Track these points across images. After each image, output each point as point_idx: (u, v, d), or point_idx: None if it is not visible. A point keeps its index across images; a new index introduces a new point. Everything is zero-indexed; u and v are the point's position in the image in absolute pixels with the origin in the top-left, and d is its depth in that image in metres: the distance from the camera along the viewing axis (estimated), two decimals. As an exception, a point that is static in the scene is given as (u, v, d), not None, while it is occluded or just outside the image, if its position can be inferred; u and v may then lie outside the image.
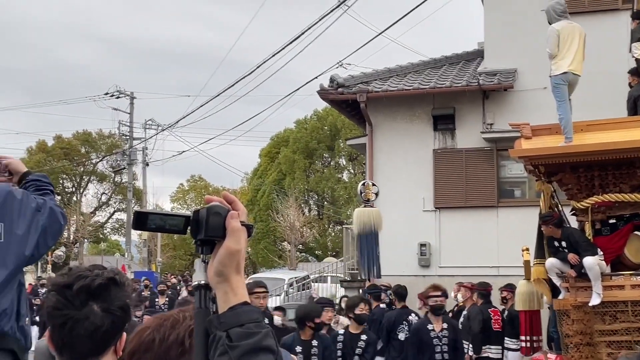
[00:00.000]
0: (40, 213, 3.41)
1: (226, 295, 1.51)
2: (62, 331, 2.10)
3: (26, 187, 3.59)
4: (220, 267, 1.52)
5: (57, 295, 2.11)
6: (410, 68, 17.83)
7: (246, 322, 1.47)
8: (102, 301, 2.12)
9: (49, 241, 3.46)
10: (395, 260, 15.70)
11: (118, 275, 2.18)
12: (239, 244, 1.53)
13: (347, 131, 42.81)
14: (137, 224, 1.59)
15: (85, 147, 55.97)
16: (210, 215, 1.54)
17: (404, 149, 16.37)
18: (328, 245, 50.27)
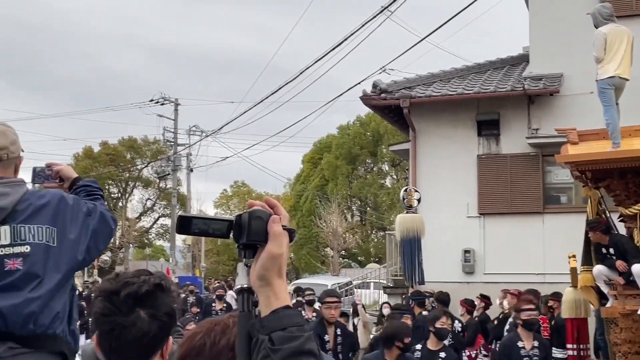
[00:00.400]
0: (91, 217, 3.47)
1: (268, 299, 1.52)
2: (110, 337, 2.13)
3: (77, 192, 3.65)
4: (262, 272, 1.53)
5: (105, 302, 2.14)
6: (453, 73, 17.72)
7: (288, 326, 1.47)
8: (149, 307, 2.14)
9: (99, 245, 3.51)
10: (439, 267, 15.60)
11: (164, 281, 2.20)
12: (281, 248, 1.54)
13: (390, 137, 42.72)
14: (181, 228, 1.60)
15: (130, 153, 56.70)
16: (252, 219, 1.55)
17: (448, 155, 16.26)
18: (371, 252, 50.17)
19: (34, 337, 3.19)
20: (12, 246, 3.23)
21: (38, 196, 3.38)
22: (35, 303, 3.19)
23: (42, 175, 3.73)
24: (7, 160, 3.37)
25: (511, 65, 17.92)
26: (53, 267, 3.28)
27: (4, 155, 3.34)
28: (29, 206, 3.31)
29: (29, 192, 3.38)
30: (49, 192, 3.47)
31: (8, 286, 3.19)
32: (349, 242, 44.58)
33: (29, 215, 3.29)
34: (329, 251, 45.36)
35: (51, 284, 3.24)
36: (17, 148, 3.43)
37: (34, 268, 3.23)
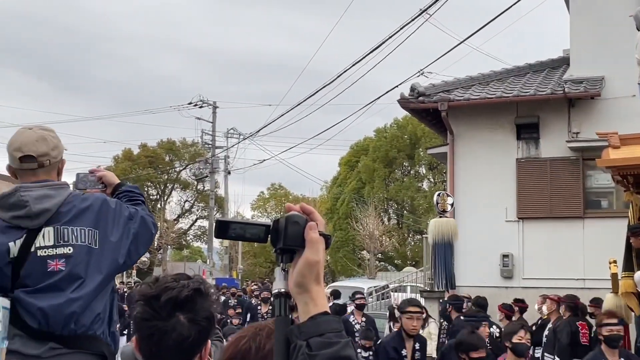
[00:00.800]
0: (133, 221, 3.52)
1: (306, 306, 1.53)
2: (150, 342, 2.15)
3: (119, 197, 3.71)
4: (299, 279, 1.54)
5: (145, 306, 2.16)
6: (492, 76, 17.59)
7: (326, 332, 1.48)
8: (188, 312, 2.15)
9: (140, 249, 3.56)
10: (477, 271, 15.50)
11: (203, 285, 2.21)
12: (318, 255, 1.55)
13: (427, 140, 42.53)
14: (219, 232, 1.63)
15: (169, 155, 57.20)
16: (289, 224, 1.56)
17: (486, 158, 16.14)
18: (407, 255, 49.97)
19: (74, 337, 3.24)
20: (55, 247, 3.29)
21: (81, 199, 3.44)
22: (77, 303, 3.24)
23: (85, 180, 3.79)
24: (50, 165, 3.43)
25: (551, 68, 17.72)
26: (95, 268, 3.33)
27: (46, 162, 3.40)
28: (72, 208, 3.37)
29: (72, 195, 3.44)
30: (92, 196, 3.53)
31: (51, 286, 3.25)
32: (385, 245, 44.48)
33: (72, 218, 3.35)
34: (365, 254, 45.30)
35: (92, 285, 3.30)
36: (59, 152, 3.48)
37: (76, 269, 3.28)
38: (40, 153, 3.38)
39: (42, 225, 3.31)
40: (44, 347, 3.23)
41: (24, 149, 3.36)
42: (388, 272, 44.89)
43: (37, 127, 3.47)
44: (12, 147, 3.39)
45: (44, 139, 3.40)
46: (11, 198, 3.33)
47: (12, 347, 3.12)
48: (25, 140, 3.37)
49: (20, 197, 3.30)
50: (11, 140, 3.41)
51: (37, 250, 3.27)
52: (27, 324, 3.22)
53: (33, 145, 3.36)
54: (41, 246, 3.28)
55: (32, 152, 3.36)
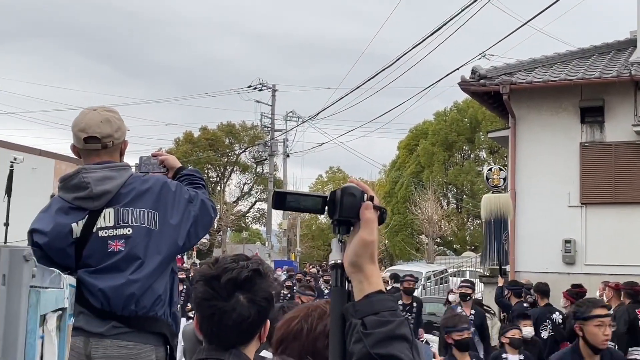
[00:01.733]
0: (192, 204, 3.55)
1: (361, 284, 1.53)
2: (211, 322, 2.18)
3: (180, 181, 3.75)
4: (354, 258, 1.54)
5: (205, 286, 2.19)
6: (556, 58, 17.24)
7: (381, 311, 1.48)
8: (248, 292, 2.18)
9: (199, 232, 3.59)
10: (538, 257, 15.28)
11: (262, 266, 2.24)
12: (372, 235, 1.55)
13: (488, 123, 42.00)
14: (276, 203, 1.63)
15: (229, 138, 57.65)
16: (345, 195, 1.56)
17: (549, 142, 15.86)
18: (467, 239, 49.55)
19: (135, 317, 3.31)
20: (115, 228, 3.35)
21: (141, 181, 3.49)
22: (136, 285, 3.30)
23: (147, 164, 3.86)
24: (113, 146, 3.48)
25: (617, 50, 17.28)
26: (154, 250, 3.38)
27: (110, 143, 3.45)
28: (132, 190, 3.42)
29: (133, 177, 3.49)
30: (152, 178, 3.58)
31: (111, 267, 3.32)
32: (444, 230, 44.19)
33: (132, 199, 3.40)
34: (423, 238, 45.10)
35: (152, 266, 3.35)
36: (121, 134, 3.52)
37: (135, 250, 3.34)
38: (104, 135, 3.42)
39: (103, 206, 3.36)
40: (107, 326, 3.30)
41: (88, 130, 3.40)
42: (447, 256, 44.65)
43: (101, 108, 3.51)
44: (77, 128, 3.44)
45: (108, 120, 3.44)
46: (73, 180, 3.39)
47: (77, 324, 3.18)
48: (89, 122, 3.42)
49: (83, 179, 3.36)
50: (76, 120, 3.46)
51: (99, 231, 3.34)
52: (91, 303, 3.30)
53: (97, 127, 3.41)
54: (102, 227, 3.34)
55: (97, 133, 3.41)
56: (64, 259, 3.31)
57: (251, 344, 2.25)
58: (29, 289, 1.41)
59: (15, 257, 1.38)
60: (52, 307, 1.81)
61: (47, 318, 1.75)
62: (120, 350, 3.29)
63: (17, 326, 1.37)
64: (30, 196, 16.17)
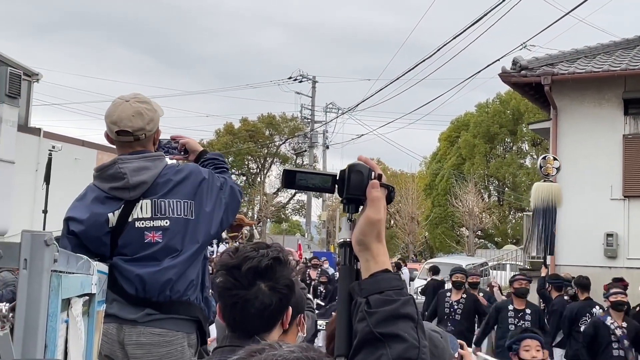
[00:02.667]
0: (222, 191, 3.57)
1: (367, 263, 1.52)
2: (233, 310, 2.20)
3: (205, 165, 3.74)
4: (361, 237, 1.54)
5: (227, 276, 2.21)
6: (599, 49, 16.95)
7: (386, 289, 1.47)
8: (269, 280, 2.19)
9: (230, 218, 3.62)
10: (578, 250, 15.08)
11: (282, 254, 2.25)
12: (379, 213, 1.54)
13: (531, 115, 41.51)
14: (286, 181, 1.63)
15: (269, 129, 57.83)
16: (352, 173, 1.56)
17: (591, 134, 15.62)
18: (508, 233, 49.13)
19: (169, 303, 3.34)
20: (152, 219, 3.37)
21: (175, 171, 3.50)
22: (173, 271, 3.34)
23: (168, 147, 3.82)
24: (146, 138, 3.50)
25: (663, 40, 16.95)
26: (191, 238, 3.41)
27: (142, 136, 3.46)
28: (168, 181, 3.43)
29: (167, 167, 3.51)
30: (186, 167, 3.59)
31: (148, 257, 3.35)
32: (485, 223, 43.88)
33: (168, 190, 3.41)
34: (464, 231, 44.81)
35: (188, 254, 3.38)
36: (154, 125, 3.52)
37: (172, 242, 3.36)
38: (136, 128, 3.43)
39: (139, 197, 3.39)
40: (140, 313, 3.34)
41: (120, 124, 3.41)
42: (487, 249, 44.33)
43: (133, 98, 3.49)
44: (109, 120, 3.45)
45: (139, 113, 3.44)
46: (110, 170, 3.42)
47: (110, 311, 3.23)
48: (121, 115, 3.42)
49: (119, 169, 3.38)
50: (108, 111, 3.47)
51: (135, 222, 3.37)
52: (125, 290, 3.34)
53: (129, 121, 3.41)
54: (139, 217, 3.37)
55: (128, 127, 3.41)
56: (99, 248, 3.35)
57: (274, 331, 2.26)
58: (50, 273, 1.43)
59: (36, 242, 1.40)
60: (77, 292, 1.84)
61: (72, 303, 1.78)
62: (153, 337, 3.32)
63: (37, 309, 1.39)
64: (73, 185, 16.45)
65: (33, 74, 22.60)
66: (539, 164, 13.47)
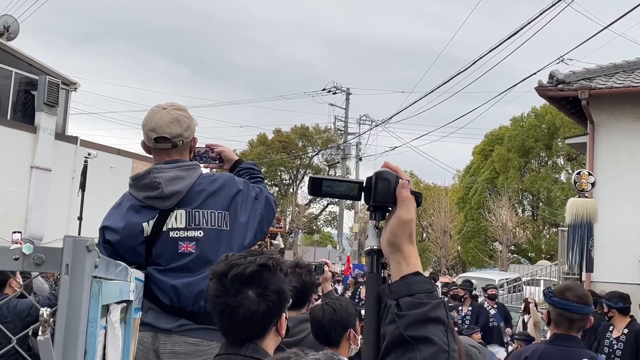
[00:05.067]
0: (258, 201, 3.57)
1: (399, 265, 1.51)
2: (222, 317, 2.23)
3: (240, 174, 3.75)
4: (392, 238, 1.52)
5: (216, 283, 2.23)
6: (638, 64, 16.77)
7: (416, 292, 1.45)
8: (257, 287, 2.20)
9: (264, 229, 3.61)
10: (615, 267, 14.87)
11: (271, 260, 2.25)
12: (410, 213, 1.53)
13: (567, 130, 41.14)
14: (312, 189, 1.62)
15: (302, 140, 58.02)
16: (379, 180, 1.55)
17: (629, 150, 15.42)
18: (542, 248, 48.63)
19: (204, 313, 3.32)
20: (186, 230, 3.37)
21: (210, 180, 3.49)
22: (206, 281, 3.30)
23: (204, 156, 3.82)
24: (183, 145, 3.50)
25: (703, 55, 16.70)
26: (225, 249, 3.37)
27: (180, 142, 3.47)
28: (202, 191, 3.43)
29: (202, 176, 3.50)
30: (221, 177, 3.58)
31: (181, 268, 3.36)
32: (518, 238, 43.49)
33: (203, 201, 3.41)
34: (497, 246, 44.44)
35: None
36: (191, 132, 3.53)
37: (205, 252, 3.36)
38: (174, 135, 3.44)
39: (173, 206, 3.39)
40: (175, 323, 3.34)
41: (158, 130, 3.43)
42: (521, 264, 43.88)
43: (171, 106, 3.52)
44: (147, 127, 3.46)
45: (177, 120, 3.45)
46: (145, 179, 3.43)
47: (146, 320, 3.24)
48: (159, 122, 3.43)
49: (154, 179, 3.39)
50: (146, 119, 3.49)
51: (169, 232, 3.37)
52: (159, 300, 3.35)
53: (167, 127, 3.42)
54: (173, 227, 3.37)
55: (167, 134, 3.43)
56: (135, 257, 3.37)
57: (267, 338, 2.27)
58: (91, 279, 1.43)
59: (78, 247, 1.41)
60: (116, 299, 1.84)
61: (110, 309, 1.79)
62: (188, 346, 3.32)
63: (78, 315, 1.39)
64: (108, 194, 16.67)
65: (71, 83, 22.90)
66: (574, 180, 13.34)
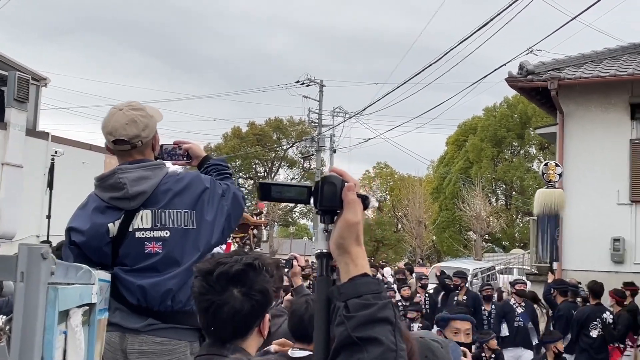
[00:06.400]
0: (225, 198, 3.56)
1: (347, 267, 1.52)
2: (207, 315, 2.24)
3: (208, 171, 3.75)
4: (340, 240, 1.54)
5: (201, 281, 2.25)
6: (606, 54, 16.94)
7: (364, 293, 1.47)
8: (242, 286, 2.22)
9: (232, 225, 3.62)
10: (585, 255, 15.07)
11: (257, 261, 2.27)
12: (357, 216, 1.54)
13: (539, 119, 41.46)
14: (262, 194, 1.64)
15: (276, 133, 57.95)
16: (325, 185, 1.57)
17: (598, 139, 15.59)
18: (516, 237, 49.04)
19: (171, 313, 3.35)
20: (152, 230, 3.38)
21: (176, 180, 3.49)
22: (173, 281, 3.34)
23: (172, 153, 3.80)
24: (143, 145, 3.49)
25: (670, 44, 16.92)
26: (192, 248, 3.40)
27: (138, 143, 3.46)
28: (168, 190, 3.43)
29: (167, 175, 3.49)
30: (187, 175, 3.58)
31: (148, 268, 3.36)
32: (492, 227, 43.80)
33: (169, 200, 3.41)
34: (471, 235, 44.76)
35: (188, 264, 3.35)
36: (150, 131, 3.51)
37: (172, 253, 3.37)
38: (131, 136, 3.43)
39: (139, 206, 3.39)
40: (143, 322, 3.35)
41: (114, 133, 3.42)
42: (495, 253, 44.23)
43: (127, 107, 3.49)
44: (105, 130, 3.46)
45: (133, 121, 3.44)
46: (110, 180, 3.43)
47: (113, 320, 3.24)
48: (115, 124, 3.43)
49: (119, 179, 3.39)
50: (104, 122, 3.48)
51: (136, 232, 3.37)
52: (127, 300, 3.36)
53: (123, 130, 3.42)
54: (139, 228, 3.37)
55: (123, 136, 3.42)
56: (101, 257, 3.36)
57: (249, 338, 2.29)
58: (47, 286, 1.45)
59: (33, 255, 1.42)
60: (76, 303, 1.86)
61: (70, 314, 1.80)
62: (155, 345, 3.33)
63: (34, 323, 1.41)
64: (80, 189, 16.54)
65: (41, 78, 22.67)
66: (541, 171, 13.51)
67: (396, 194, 57.47)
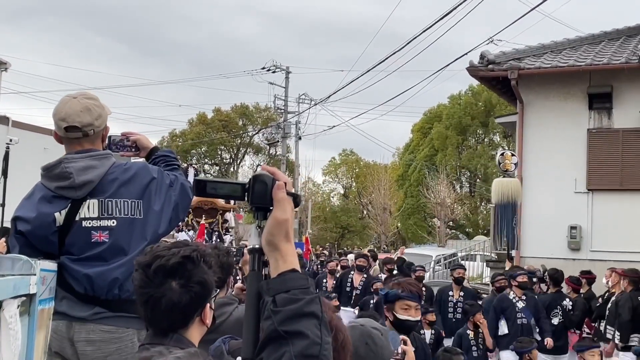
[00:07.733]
0: (173, 189, 3.60)
1: (276, 262, 1.59)
2: (146, 307, 2.27)
3: (156, 162, 3.79)
4: (269, 237, 1.60)
5: (141, 274, 2.27)
6: (565, 44, 17.15)
7: (292, 288, 1.53)
8: (180, 278, 2.25)
9: (180, 215, 3.67)
10: (543, 242, 15.30)
11: (195, 252, 2.30)
12: (286, 213, 1.61)
13: (503, 107, 41.84)
14: (197, 190, 1.70)
15: (242, 119, 57.82)
16: (256, 183, 1.63)
17: (557, 128, 15.82)
18: (479, 223, 49.54)
19: (118, 301, 3.38)
20: (99, 219, 3.41)
21: (123, 169, 3.52)
22: (120, 270, 3.38)
23: (119, 144, 3.84)
24: (94, 134, 3.52)
25: (628, 36, 17.17)
26: (139, 237, 3.44)
27: (90, 131, 3.49)
28: (115, 180, 3.46)
29: (115, 165, 3.52)
30: (134, 165, 3.60)
31: (95, 257, 3.38)
32: (456, 214, 44.21)
33: (115, 190, 3.44)
34: (436, 222, 45.12)
35: (135, 253, 3.38)
36: (102, 121, 3.55)
37: (119, 242, 3.40)
38: (85, 124, 3.46)
39: (85, 196, 3.42)
40: (89, 311, 3.38)
41: (68, 119, 3.44)
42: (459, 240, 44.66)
43: (81, 95, 3.53)
44: (58, 117, 3.48)
45: (88, 109, 3.47)
46: (56, 169, 3.44)
47: (60, 309, 3.27)
48: (69, 111, 3.45)
49: (65, 169, 3.41)
50: (56, 109, 3.49)
51: (82, 221, 3.40)
52: (74, 289, 3.38)
53: (77, 116, 3.44)
54: (86, 217, 3.40)
55: (77, 122, 3.44)
56: (47, 247, 3.38)
57: (191, 328, 2.32)
58: (-26, 279, 1.49)
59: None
60: (10, 294, 1.90)
61: (3, 305, 1.85)
62: (103, 334, 3.36)
63: (-40, 315, 1.45)
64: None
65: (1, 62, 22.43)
66: (498, 160, 13.70)
67: (362, 181, 57.71)
